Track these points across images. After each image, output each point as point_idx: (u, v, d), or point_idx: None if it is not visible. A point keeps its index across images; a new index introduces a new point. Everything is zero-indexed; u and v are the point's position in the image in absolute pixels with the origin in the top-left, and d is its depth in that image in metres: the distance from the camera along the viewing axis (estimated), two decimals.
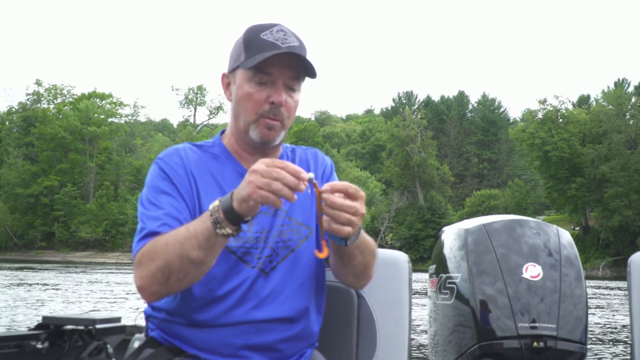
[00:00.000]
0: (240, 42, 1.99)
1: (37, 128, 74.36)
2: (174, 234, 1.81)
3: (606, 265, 51.70)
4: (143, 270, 1.82)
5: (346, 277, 2.08)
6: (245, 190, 1.70)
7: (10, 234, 71.67)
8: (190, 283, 1.84)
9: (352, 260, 1.99)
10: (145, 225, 1.90)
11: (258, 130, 1.98)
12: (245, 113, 1.98)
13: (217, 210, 1.75)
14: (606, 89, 63.77)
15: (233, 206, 1.73)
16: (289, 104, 1.99)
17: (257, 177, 1.68)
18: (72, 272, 35.73)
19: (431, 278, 2.85)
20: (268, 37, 1.95)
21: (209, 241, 1.77)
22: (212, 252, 1.79)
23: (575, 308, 2.48)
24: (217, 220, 1.75)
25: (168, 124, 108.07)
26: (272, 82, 1.96)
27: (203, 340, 1.94)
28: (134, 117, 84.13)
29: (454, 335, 2.61)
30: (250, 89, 1.96)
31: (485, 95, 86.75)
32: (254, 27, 2.00)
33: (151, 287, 1.82)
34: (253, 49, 1.95)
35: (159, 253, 1.80)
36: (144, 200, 1.96)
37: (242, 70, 1.97)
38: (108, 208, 70.25)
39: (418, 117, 71.16)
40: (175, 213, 1.91)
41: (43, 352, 2.87)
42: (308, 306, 2.04)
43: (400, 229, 65.93)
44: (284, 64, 1.95)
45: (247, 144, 2.04)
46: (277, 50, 1.92)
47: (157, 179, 1.98)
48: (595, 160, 54.70)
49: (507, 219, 2.65)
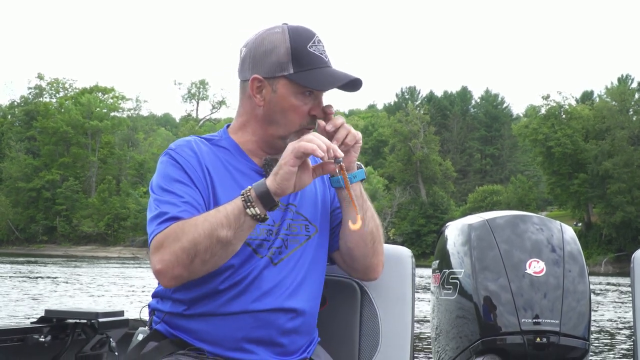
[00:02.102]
0: (286, 50, 1.98)
1: (39, 122, 74.36)
2: (203, 215, 1.85)
3: (608, 261, 51.70)
4: (165, 252, 1.83)
5: (365, 247, 2.12)
6: (281, 158, 1.85)
7: (13, 228, 71.75)
8: (214, 267, 1.87)
9: (367, 210, 2.07)
10: (164, 210, 1.89)
11: (296, 139, 2.00)
12: (288, 124, 2.02)
13: (250, 190, 1.83)
14: (609, 85, 63.67)
15: (266, 184, 1.82)
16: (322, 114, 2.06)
17: (291, 145, 1.84)
18: (74, 266, 35.80)
19: (434, 273, 2.85)
20: (314, 51, 2.00)
21: (238, 220, 1.82)
22: (240, 233, 1.84)
23: (579, 304, 2.47)
24: (248, 198, 1.82)
25: (170, 118, 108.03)
26: (315, 95, 2.02)
27: (208, 332, 1.96)
28: (136, 112, 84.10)
29: (457, 331, 2.61)
30: (297, 102, 2.00)
31: (488, 91, 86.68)
32: (297, 35, 2.00)
33: (173, 269, 1.83)
34: (303, 64, 1.98)
35: (185, 233, 1.82)
36: (155, 188, 1.96)
37: (288, 81, 1.98)
38: (110, 202, 70.31)
39: (421, 112, 71.11)
40: (192, 202, 1.92)
41: (46, 345, 2.88)
42: (310, 301, 2.06)
43: (402, 225, 65.95)
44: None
45: (272, 147, 2.07)
46: (325, 67, 2.01)
47: (170, 169, 1.98)
48: (598, 156, 54.66)
49: (511, 215, 2.65)
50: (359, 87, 2.03)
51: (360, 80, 2.01)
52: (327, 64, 2.01)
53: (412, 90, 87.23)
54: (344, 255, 2.16)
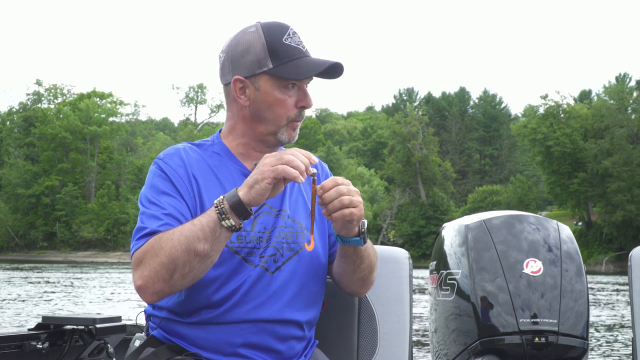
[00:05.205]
0: (262, 47, 1.99)
1: (37, 128, 74.33)
2: (179, 229, 1.83)
3: (609, 260, 51.67)
4: (145, 268, 1.83)
5: (352, 285, 2.12)
6: (258, 172, 1.80)
7: (12, 234, 71.69)
8: (194, 280, 1.85)
9: (362, 263, 2.04)
10: (145, 225, 1.90)
11: (287, 132, 2.04)
12: (276, 119, 2.02)
13: (222, 201, 1.81)
14: (607, 83, 63.77)
15: (239, 195, 1.80)
16: (310, 104, 2.06)
17: (270, 160, 1.80)
18: (72, 272, 35.77)
19: (432, 274, 2.85)
20: (290, 43, 2.00)
21: (214, 232, 1.80)
22: (217, 245, 1.82)
23: (576, 303, 2.47)
24: (222, 211, 1.80)
25: (169, 122, 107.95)
26: (298, 86, 2.02)
27: (204, 338, 1.95)
28: (134, 116, 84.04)
29: (455, 332, 2.60)
30: (281, 96, 2.00)
31: (486, 91, 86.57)
32: (271, 30, 2.01)
33: (154, 285, 1.83)
34: (281, 56, 1.98)
35: (163, 248, 1.81)
36: (143, 200, 1.97)
37: (269, 76, 1.99)
38: (109, 207, 70.25)
39: (419, 113, 71.11)
40: (175, 213, 1.92)
41: (43, 352, 2.86)
42: (308, 310, 2.06)
43: (402, 226, 65.92)
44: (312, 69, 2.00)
45: (264, 145, 2.07)
46: (303, 57, 1.99)
47: (157, 180, 1.99)
48: (597, 155, 54.64)
49: (507, 215, 2.65)
50: (340, 72, 2.03)
51: (341, 64, 2.00)
52: (306, 53, 2.01)
53: (410, 92, 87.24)
54: (334, 274, 2.17)
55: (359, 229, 1.95)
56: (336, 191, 1.86)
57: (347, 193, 1.86)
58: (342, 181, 1.88)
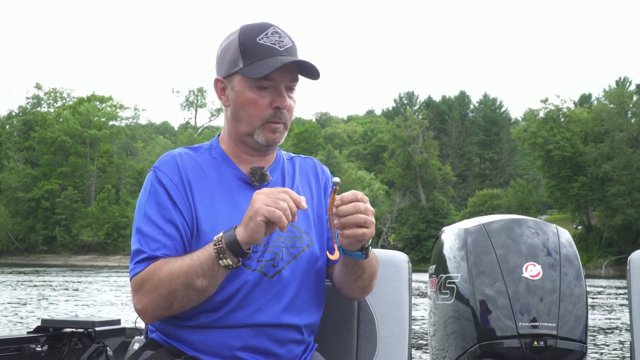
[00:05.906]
0: (236, 46, 1.99)
1: (37, 132, 74.36)
2: (179, 263, 1.87)
3: (609, 264, 51.64)
4: (145, 296, 1.89)
5: (353, 292, 2.12)
6: (251, 209, 1.79)
7: (12, 238, 71.69)
8: (191, 307, 1.92)
9: (363, 273, 2.04)
10: (143, 248, 1.92)
11: (264, 134, 2.01)
12: (249, 119, 2.00)
13: (221, 240, 1.83)
14: (607, 87, 63.72)
15: (236, 234, 1.80)
16: (290, 105, 2.02)
17: (263, 197, 1.79)
18: (71, 275, 35.76)
19: (431, 278, 2.85)
20: (265, 42, 1.97)
21: (212, 270, 1.84)
22: (215, 281, 1.86)
23: (575, 307, 2.47)
24: (220, 250, 1.82)
25: (169, 126, 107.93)
26: (273, 86, 1.99)
27: (202, 342, 1.96)
28: (134, 120, 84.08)
29: (454, 335, 2.60)
30: (253, 96, 1.98)
31: (486, 95, 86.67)
32: (247, 30, 2.00)
33: (154, 312, 1.91)
34: (252, 55, 1.96)
35: (163, 282, 1.86)
36: (141, 212, 1.98)
37: (242, 76, 1.98)
38: (109, 211, 70.24)
39: (419, 117, 71.15)
40: (171, 231, 1.94)
41: (43, 355, 2.87)
42: (307, 314, 2.05)
43: (402, 230, 65.92)
44: (285, 68, 1.97)
45: (250, 147, 2.06)
46: (277, 55, 1.95)
47: (153, 190, 1.99)
48: (597, 159, 54.64)
49: (506, 219, 2.65)
50: (314, 72, 1.99)
51: (308, 62, 1.96)
52: (280, 52, 1.97)
53: (410, 96, 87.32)
54: (334, 281, 2.15)
55: (363, 244, 1.94)
56: (354, 207, 1.83)
57: (364, 212, 1.84)
58: (361, 197, 1.85)
